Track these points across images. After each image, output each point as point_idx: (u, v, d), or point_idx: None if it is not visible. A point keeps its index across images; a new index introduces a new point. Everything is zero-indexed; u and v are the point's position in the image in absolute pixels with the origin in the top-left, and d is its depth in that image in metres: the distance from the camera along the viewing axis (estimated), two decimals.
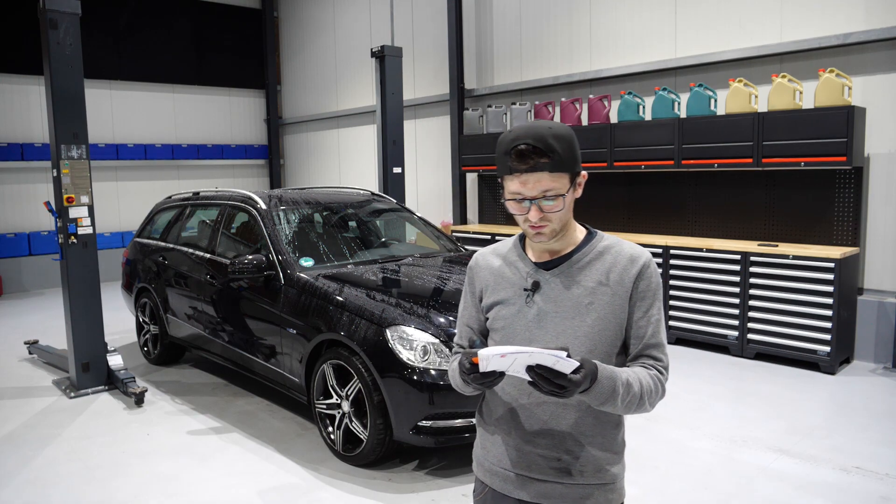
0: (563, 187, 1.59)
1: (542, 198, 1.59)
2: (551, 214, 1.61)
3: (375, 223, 6.20)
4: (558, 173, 1.58)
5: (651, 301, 1.68)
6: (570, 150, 1.60)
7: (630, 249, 1.70)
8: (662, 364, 1.67)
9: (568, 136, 1.60)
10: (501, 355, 1.44)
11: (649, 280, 1.68)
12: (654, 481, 3.79)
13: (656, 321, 1.68)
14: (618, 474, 1.72)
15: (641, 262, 1.68)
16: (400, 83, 7.64)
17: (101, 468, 4.12)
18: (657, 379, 1.65)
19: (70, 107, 5.24)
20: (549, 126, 1.59)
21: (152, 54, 11.70)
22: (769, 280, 5.85)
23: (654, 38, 7.29)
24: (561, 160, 1.57)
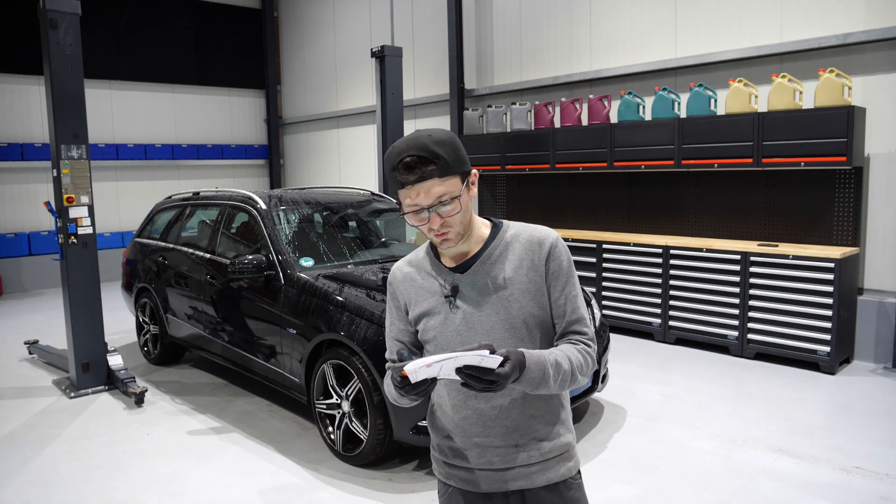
0: (455, 189, 1.64)
1: (439, 204, 1.62)
2: (451, 219, 1.65)
3: (375, 223, 6.20)
4: (447, 177, 1.62)
5: (566, 279, 1.73)
6: (455, 153, 1.64)
7: (536, 233, 1.75)
8: (587, 336, 1.74)
9: (449, 140, 1.64)
10: (427, 366, 1.47)
11: (559, 259, 1.73)
12: (654, 481, 3.79)
13: (573, 297, 1.74)
14: (569, 442, 1.82)
15: (548, 243, 1.72)
16: (400, 83, 7.64)
17: (101, 468, 4.12)
18: (584, 352, 1.71)
19: (70, 107, 5.24)
20: (429, 134, 1.63)
21: (152, 54, 11.70)
22: (769, 280, 5.85)
23: (654, 38, 7.30)
24: (447, 164, 1.61)
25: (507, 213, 8.83)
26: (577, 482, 1.83)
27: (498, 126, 8.35)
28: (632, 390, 5.25)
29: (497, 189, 8.95)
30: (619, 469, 3.93)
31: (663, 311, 6.57)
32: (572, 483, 1.81)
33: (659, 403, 5.00)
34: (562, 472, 1.78)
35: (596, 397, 5.06)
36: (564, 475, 1.79)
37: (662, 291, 6.56)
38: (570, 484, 1.81)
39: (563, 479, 1.79)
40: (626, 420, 4.69)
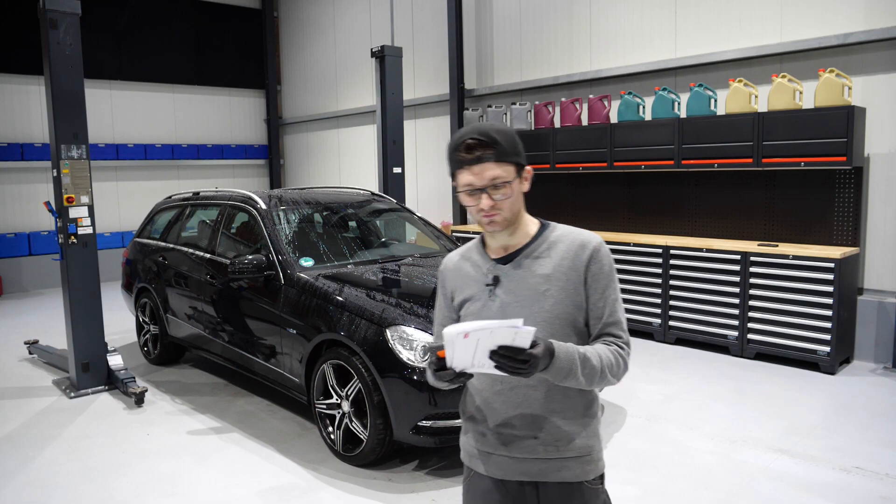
0: (509, 175, 1.73)
1: (492, 187, 1.72)
2: (501, 203, 1.74)
3: (375, 223, 6.20)
4: (503, 163, 1.72)
5: (605, 283, 1.78)
6: (513, 143, 1.75)
7: (580, 236, 1.81)
8: (622, 340, 1.77)
9: (510, 131, 1.76)
10: (465, 335, 1.51)
11: (601, 263, 1.78)
12: (654, 481, 3.79)
13: (612, 301, 1.78)
14: (592, 446, 1.82)
15: (591, 247, 1.78)
16: (400, 83, 7.64)
17: (101, 468, 4.12)
18: (617, 353, 1.74)
19: (70, 107, 5.24)
20: (492, 124, 1.76)
21: (152, 54, 11.70)
22: (769, 280, 5.85)
23: (654, 38, 7.30)
24: (504, 150, 1.72)
25: None
26: (595, 487, 1.83)
27: None
28: (632, 390, 5.25)
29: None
30: (620, 469, 3.93)
31: (663, 311, 6.57)
32: (589, 487, 1.81)
33: (659, 403, 5.00)
34: (578, 473, 1.79)
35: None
36: (580, 477, 1.80)
37: (662, 291, 6.56)
38: (586, 487, 1.81)
39: (579, 480, 1.80)
40: (626, 420, 4.69)
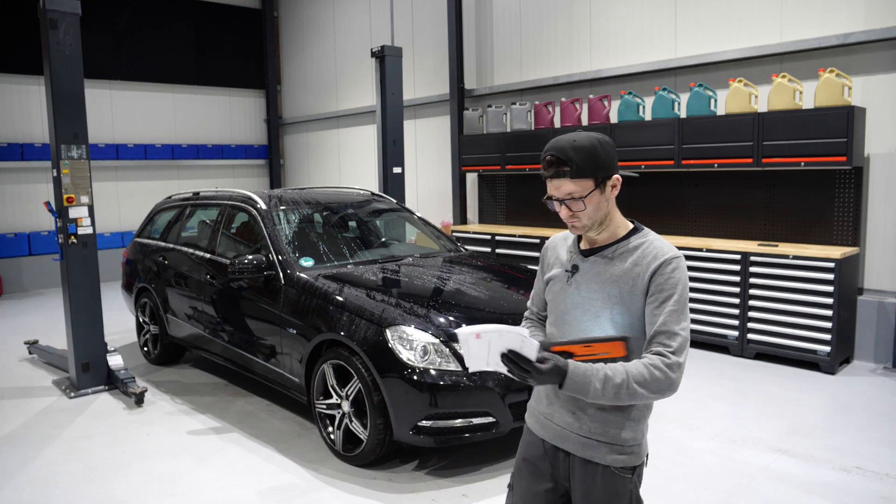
0: (583, 191, 1.85)
1: (569, 199, 1.86)
2: (578, 213, 1.88)
3: (375, 223, 6.20)
4: (579, 179, 1.84)
5: (667, 295, 1.82)
6: (590, 159, 1.84)
7: (658, 248, 1.88)
8: (669, 348, 1.79)
9: (589, 147, 1.84)
10: (477, 335, 1.66)
11: (667, 276, 1.83)
12: (654, 481, 3.79)
13: (669, 312, 1.81)
14: (627, 439, 1.91)
15: (661, 259, 1.85)
16: (400, 83, 7.64)
17: (101, 468, 4.12)
18: (651, 366, 1.77)
19: (70, 107, 5.24)
20: (573, 139, 1.85)
21: (152, 54, 11.70)
22: (769, 280, 5.85)
23: (653, 38, 7.29)
24: (579, 168, 1.83)
25: (506, 214, 8.83)
26: (623, 476, 1.91)
27: (498, 126, 8.35)
28: None
29: (497, 189, 8.96)
30: None
31: None
32: (616, 473, 1.90)
33: (659, 403, 4.99)
34: (606, 457, 1.90)
35: None
36: (608, 462, 1.90)
37: None
38: (613, 472, 1.90)
39: (606, 464, 1.90)
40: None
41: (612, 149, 1.90)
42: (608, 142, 1.90)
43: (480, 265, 5.07)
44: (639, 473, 1.96)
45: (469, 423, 3.74)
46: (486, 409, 3.74)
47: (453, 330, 3.87)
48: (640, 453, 1.95)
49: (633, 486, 1.93)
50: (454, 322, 3.93)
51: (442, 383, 3.69)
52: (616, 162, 1.91)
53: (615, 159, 1.90)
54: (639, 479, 1.97)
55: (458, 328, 3.68)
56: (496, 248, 8.17)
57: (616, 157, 1.92)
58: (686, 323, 1.82)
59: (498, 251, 8.12)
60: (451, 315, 3.99)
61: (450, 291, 4.39)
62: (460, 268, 4.91)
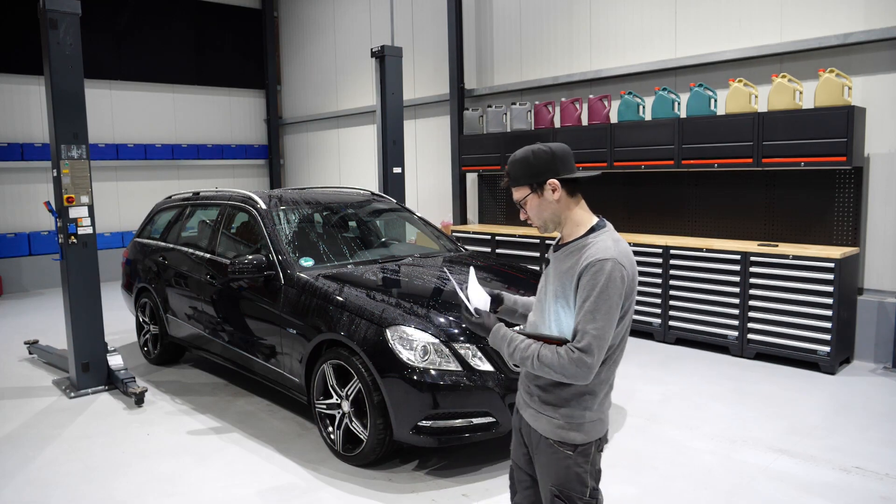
0: (521, 197, 2.15)
1: (518, 203, 2.17)
2: (529, 214, 2.18)
3: (375, 223, 6.20)
4: (517, 187, 2.15)
5: (585, 296, 1.98)
6: (522, 169, 2.12)
7: (595, 250, 2.03)
8: (578, 345, 1.97)
9: (521, 159, 2.13)
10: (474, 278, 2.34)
11: (588, 278, 1.98)
12: (654, 481, 3.79)
13: (584, 311, 1.97)
14: (563, 414, 2.11)
15: (589, 260, 2.00)
16: (400, 83, 7.64)
17: (101, 468, 4.12)
18: (557, 353, 1.99)
19: (70, 107, 5.24)
20: (514, 154, 2.16)
21: (152, 54, 11.70)
22: (769, 280, 5.85)
23: (654, 38, 7.29)
24: (514, 178, 2.15)
25: (506, 213, 8.83)
26: (561, 450, 2.11)
27: (498, 126, 8.35)
28: (632, 390, 5.25)
29: (497, 189, 8.96)
30: (619, 469, 3.93)
31: (663, 311, 6.57)
32: (554, 445, 2.12)
33: (659, 403, 5.00)
34: (546, 428, 2.14)
35: None
36: (547, 433, 2.13)
37: (662, 291, 6.56)
38: (551, 444, 2.12)
39: (549, 437, 2.13)
40: (626, 420, 4.69)
41: (549, 155, 2.09)
42: (545, 150, 2.10)
43: (480, 265, 5.07)
44: (583, 453, 2.11)
45: (469, 423, 3.74)
46: (486, 409, 3.74)
47: (453, 330, 3.88)
48: (581, 433, 2.10)
49: (573, 463, 2.11)
50: (454, 322, 3.93)
51: (442, 383, 3.69)
52: (554, 167, 2.08)
53: (553, 164, 2.08)
54: (584, 459, 2.11)
55: (457, 328, 3.69)
56: (496, 248, 8.17)
57: (555, 162, 2.08)
58: (600, 324, 1.95)
59: (498, 251, 8.12)
60: (451, 315, 3.99)
61: (450, 291, 4.39)
62: (460, 268, 4.91)
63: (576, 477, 2.11)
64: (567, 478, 2.11)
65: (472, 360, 3.78)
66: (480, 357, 3.80)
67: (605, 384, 2.13)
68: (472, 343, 3.82)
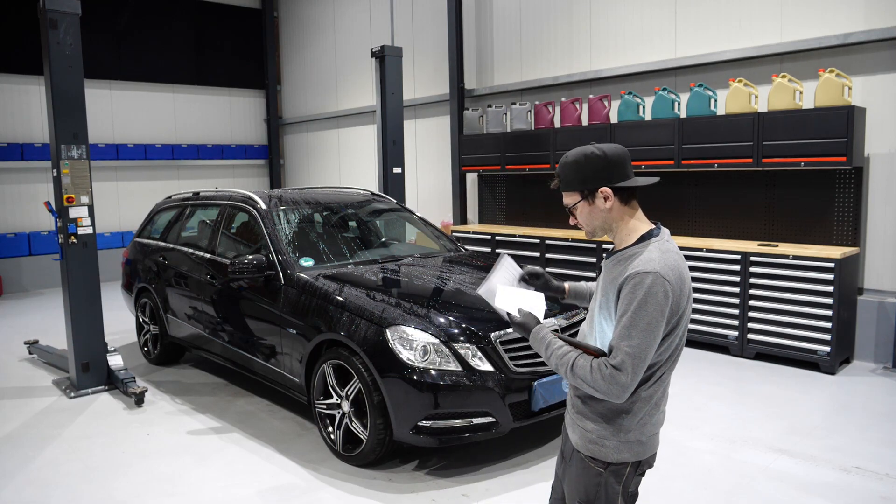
0: (572, 202, 2.05)
1: (568, 208, 2.09)
2: (579, 220, 2.09)
3: (375, 223, 6.20)
4: (568, 192, 2.06)
5: (623, 310, 1.88)
6: (573, 173, 2.02)
7: (639, 261, 1.91)
8: (612, 362, 1.87)
9: (572, 162, 2.02)
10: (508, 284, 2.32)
11: (627, 291, 1.88)
12: (654, 481, 3.79)
13: (622, 327, 1.87)
14: (592, 429, 2.03)
15: (630, 272, 1.90)
16: (400, 83, 7.64)
17: (101, 468, 4.12)
18: (592, 365, 1.90)
19: (70, 107, 5.24)
20: (566, 155, 2.06)
21: (152, 54, 11.70)
22: (769, 280, 5.85)
23: (653, 38, 7.29)
24: (565, 182, 2.06)
25: (507, 213, 8.83)
26: (591, 466, 2.04)
27: (498, 126, 8.35)
28: None
29: (497, 189, 8.96)
30: None
31: None
32: (584, 459, 2.06)
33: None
34: (578, 441, 2.08)
35: None
36: (578, 446, 2.08)
37: None
38: (582, 458, 2.06)
39: (580, 450, 2.07)
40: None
41: (603, 160, 1.96)
42: (598, 155, 1.97)
43: (480, 265, 5.07)
44: (615, 473, 2.02)
45: (469, 423, 3.74)
46: (486, 409, 3.74)
47: (453, 330, 3.88)
48: (612, 451, 2.01)
49: (602, 481, 2.02)
50: (454, 322, 3.93)
51: (442, 383, 3.69)
52: (606, 174, 1.97)
53: (605, 171, 1.97)
54: (615, 480, 2.02)
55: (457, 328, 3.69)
56: (496, 248, 8.17)
57: (608, 168, 1.97)
58: (636, 341, 1.84)
59: (498, 251, 8.12)
60: (451, 315, 3.99)
61: (450, 291, 4.39)
62: (460, 268, 4.91)
63: (604, 496, 2.02)
64: (595, 496, 2.03)
65: (472, 360, 3.78)
66: (480, 357, 3.80)
67: (648, 403, 2.00)
68: (472, 343, 3.83)
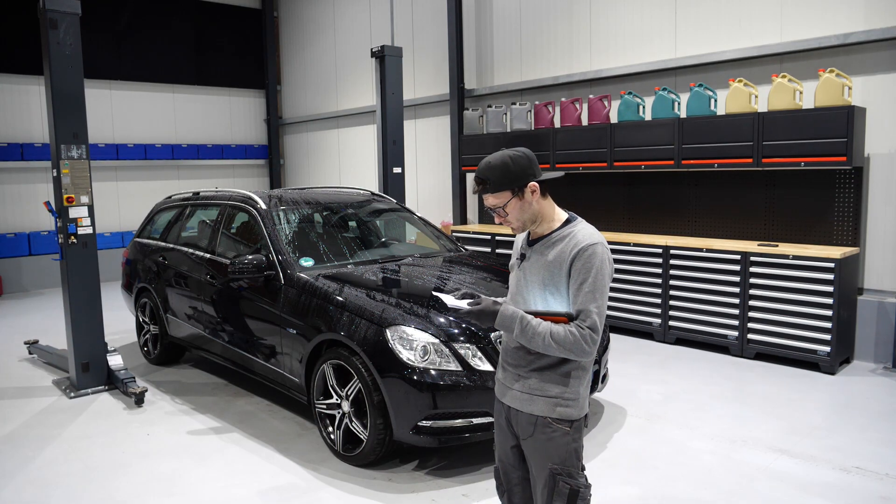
0: (502, 201, 2.25)
1: (495, 209, 2.28)
2: (505, 218, 2.30)
3: (375, 223, 6.20)
4: (497, 192, 2.24)
5: (583, 277, 2.15)
6: (503, 174, 2.22)
7: (580, 237, 2.20)
8: (585, 323, 2.13)
9: (500, 165, 2.22)
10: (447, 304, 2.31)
11: (584, 262, 2.15)
12: (654, 481, 3.79)
13: (586, 293, 2.14)
14: (561, 391, 2.23)
15: (580, 246, 2.17)
16: (400, 83, 7.64)
17: (101, 468, 4.12)
18: (569, 331, 2.12)
19: (70, 107, 5.24)
20: (488, 161, 2.25)
21: (152, 54, 11.70)
22: (769, 280, 5.85)
23: (654, 38, 7.29)
24: (494, 184, 2.23)
25: None
26: (559, 426, 2.23)
27: (498, 126, 8.35)
28: (632, 390, 5.25)
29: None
30: (620, 469, 3.93)
31: (663, 311, 6.57)
32: (552, 423, 2.23)
33: (659, 403, 5.00)
34: (543, 409, 2.24)
35: (596, 397, 5.06)
36: (548, 413, 2.24)
37: (662, 291, 6.56)
38: (549, 422, 2.24)
39: (543, 415, 2.24)
40: (626, 420, 4.69)
41: (526, 160, 2.23)
42: (520, 155, 2.24)
43: (480, 265, 5.07)
44: (577, 428, 2.27)
45: (469, 422, 3.74)
46: (486, 408, 3.74)
47: (453, 330, 3.88)
48: (576, 409, 2.26)
49: (570, 439, 2.25)
50: (454, 322, 3.93)
51: (442, 383, 3.69)
52: (532, 171, 2.23)
53: (530, 169, 2.23)
54: (578, 435, 2.27)
55: (457, 328, 3.70)
56: (496, 248, 8.17)
57: (532, 166, 2.24)
58: (600, 302, 2.15)
59: (498, 251, 8.12)
60: (450, 315, 3.99)
61: (450, 291, 4.39)
62: (460, 268, 4.91)
63: (574, 453, 2.26)
64: (567, 454, 2.24)
65: (472, 360, 3.78)
66: (480, 357, 3.80)
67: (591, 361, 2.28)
68: (472, 343, 3.83)
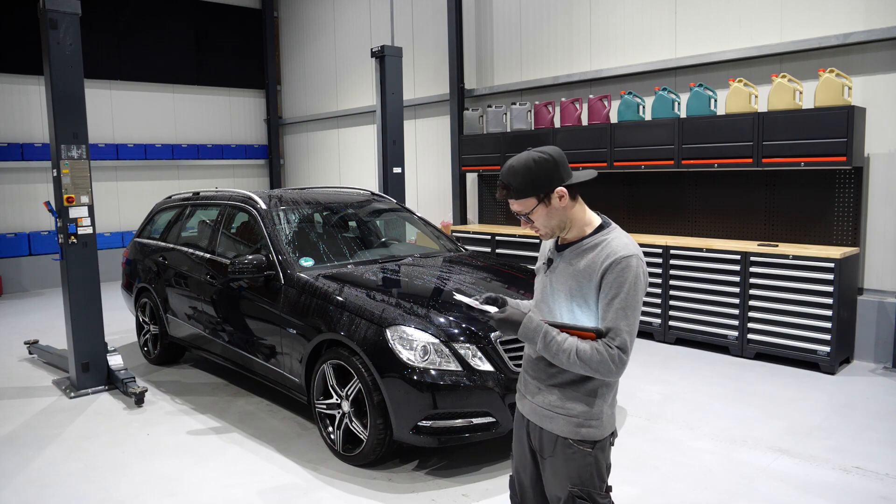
0: (527, 207, 2.09)
1: (520, 215, 2.13)
2: (533, 224, 2.14)
3: (375, 223, 6.20)
4: (521, 199, 2.08)
5: (615, 293, 1.99)
6: (526, 180, 2.05)
7: (614, 247, 2.03)
8: (615, 343, 1.98)
9: (523, 170, 2.05)
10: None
11: (615, 276, 2.00)
12: (654, 481, 3.79)
13: (617, 309, 1.99)
14: (582, 412, 2.11)
15: (612, 259, 2.01)
16: (400, 83, 7.64)
17: (101, 468, 4.12)
18: (597, 349, 1.98)
19: (70, 107, 5.24)
20: (511, 164, 2.08)
21: (152, 54, 11.70)
22: (769, 280, 5.85)
23: (653, 38, 7.30)
24: (518, 190, 2.07)
25: (506, 214, 8.83)
26: (580, 448, 2.11)
27: (498, 126, 8.35)
28: (632, 390, 5.25)
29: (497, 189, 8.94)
30: (620, 469, 3.93)
31: (663, 311, 6.57)
32: (573, 444, 2.11)
33: (659, 403, 5.00)
34: (563, 429, 2.12)
35: None
36: (565, 433, 2.12)
37: (662, 291, 6.56)
38: (569, 444, 2.12)
39: (564, 436, 2.12)
40: (626, 420, 4.69)
41: (552, 163, 2.04)
42: (546, 158, 2.04)
43: (480, 265, 5.07)
44: (601, 447, 2.14)
45: (469, 423, 3.74)
46: (486, 409, 3.74)
47: (453, 330, 3.88)
48: (599, 428, 2.12)
49: (593, 460, 2.12)
50: (454, 322, 3.93)
51: (442, 383, 3.69)
52: (559, 174, 2.05)
53: (557, 172, 2.05)
54: (602, 455, 2.14)
55: (457, 328, 3.70)
56: (496, 248, 8.17)
57: (559, 169, 2.05)
58: (631, 320, 1.99)
59: (498, 251, 8.12)
60: (451, 315, 3.99)
61: (450, 291, 4.39)
62: (460, 268, 4.91)
63: (596, 474, 2.13)
64: (588, 476, 2.12)
65: (472, 360, 3.78)
66: (480, 357, 3.80)
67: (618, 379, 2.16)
68: (473, 343, 3.83)
